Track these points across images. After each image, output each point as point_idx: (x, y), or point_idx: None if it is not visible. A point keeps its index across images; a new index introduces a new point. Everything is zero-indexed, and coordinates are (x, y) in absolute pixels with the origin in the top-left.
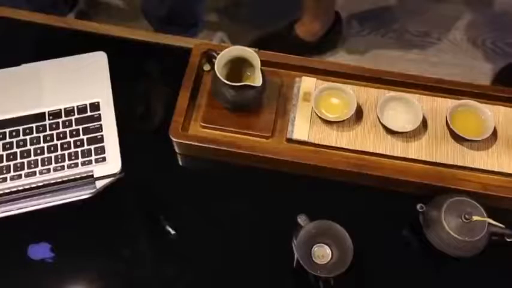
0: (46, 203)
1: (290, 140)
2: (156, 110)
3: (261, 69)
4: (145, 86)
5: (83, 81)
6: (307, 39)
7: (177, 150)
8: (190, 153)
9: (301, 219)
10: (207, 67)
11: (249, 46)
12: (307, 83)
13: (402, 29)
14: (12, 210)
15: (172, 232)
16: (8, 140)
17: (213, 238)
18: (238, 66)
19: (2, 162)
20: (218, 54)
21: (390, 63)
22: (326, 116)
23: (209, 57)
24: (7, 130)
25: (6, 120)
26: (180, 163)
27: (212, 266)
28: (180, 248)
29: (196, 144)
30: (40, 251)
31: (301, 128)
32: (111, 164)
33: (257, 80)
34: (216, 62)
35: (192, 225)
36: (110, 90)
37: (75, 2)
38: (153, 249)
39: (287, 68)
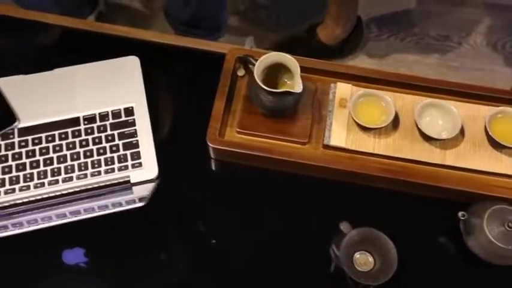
0: (85, 209)
1: (327, 146)
2: (190, 114)
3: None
4: (178, 90)
5: (117, 85)
6: (329, 43)
7: (212, 155)
8: (226, 158)
9: (344, 227)
10: (241, 72)
11: (269, 49)
12: (343, 89)
13: (422, 33)
14: (51, 216)
15: (208, 237)
16: (44, 144)
17: (249, 244)
18: (274, 72)
19: (39, 167)
20: (254, 59)
21: (410, 67)
22: (363, 123)
23: (245, 62)
24: (43, 135)
25: (41, 124)
26: (216, 168)
27: (248, 271)
28: (215, 253)
29: (232, 150)
30: (74, 256)
31: (338, 134)
32: (148, 169)
33: (297, 87)
34: (255, 68)
35: (228, 231)
36: (144, 94)
37: (95, 4)
38: (188, 254)
39: (320, 73)
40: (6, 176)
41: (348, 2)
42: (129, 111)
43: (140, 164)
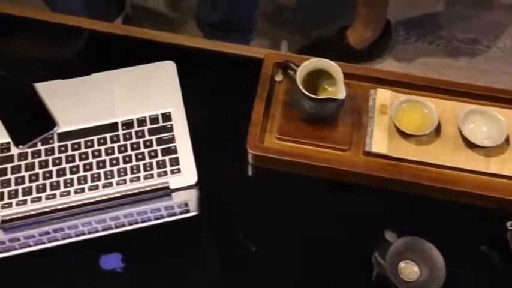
0: (124, 215)
1: (368, 153)
2: (227, 119)
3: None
4: (214, 95)
5: (154, 91)
6: (357, 47)
7: (251, 161)
8: (265, 164)
9: (389, 235)
10: (279, 77)
11: (298, 52)
12: (383, 95)
13: (450, 36)
14: (91, 222)
15: (247, 244)
16: (83, 150)
17: (289, 251)
18: (314, 77)
19: (79, 172)
20: (295, 65)
21: (438, 70)
22: (406, 129)
23: (284, 68)
24: (82, 140)
25: (80, 130)
26: (255, 174)
27: (287, 279)
28: (256, 261)
29: (272, 156)
30: (111, 261)
31: (379, 141)
32: (187, 175)
33: (340, 93)
34: (297, 74)
35: (267, 238)
36: (181, 100)
37: (122, 7)
38: (227, 261)
39: (359, 79)
40: (47, 182)
41: (378, 6)
42: (167, 117)
43: (179, 170)
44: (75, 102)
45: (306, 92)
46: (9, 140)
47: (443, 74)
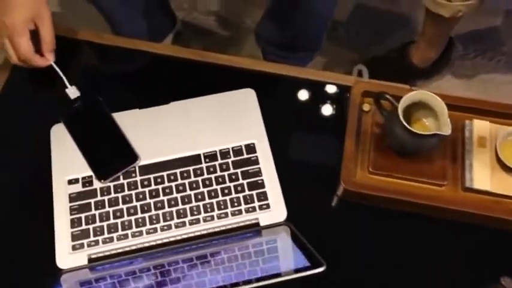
0: (211, 254)
1: (468, 189)
2: (311, 151)
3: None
4: (296, 124)
5: (234, 120)
6: (420, 65)
7: (340, 195)
8: (356, 199)
9: (506, 282)
10: (366, 107)
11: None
12: (480, 127)
13: (511, 51)
14: (178, 260)
15: (341, 284)
16: (166, 184)
17: None
18: (408, 108)
19: (164, 208)
20: (390, 95)
21: (498, 89)
22: (511, 164)
23: (377, 98)
24: (164, 174)
25: (162, 162)
26: (345, 209)
27: None
28: None
29: (366, 192)
30: None
31: (481, 176)
32: (276, 211)
33: (445, 128)
34: (399, 107)
35: (362, 278)
36: (264, 130)
37: (174, 23)
38: None
39: (450, 108)
40: (132, 218)
41: (446, 25)
42: (251, 148)
43: (268, 206)
44: (155, 132)
45: (409, 128)
46: (91, 173)
47: (504, 92)
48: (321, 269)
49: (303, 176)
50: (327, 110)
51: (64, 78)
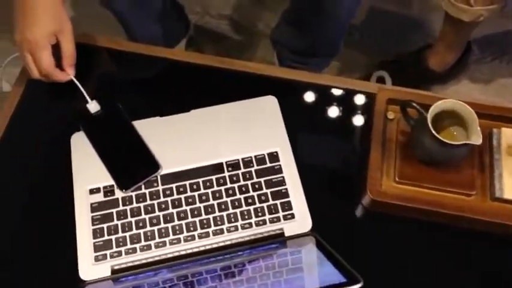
0: (235, 264)
1: (497, 199)
2: (335, 159)
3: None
4: (318, 132)
5: (257, 128)
6: (437, 70)
7: (366, 205)
8: (381, 209)
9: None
10: (391, 115)
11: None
12: (509, 135)
13: None
14: (202, 272)
15: None
16: (189, 193)
17: None
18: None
19: (187, 218)
20: (416, 103)
21: None
22: None
23: (403, 106)
24: (187, 183)
25: (183, 171)
26: (371, 219)
27: None
28: None
29: (393, 202)
30: None
31: (511, 186)
32: (301, 221)
33: (475, 138)
34: (429, 115)
35: None
36: (287, 138)
37: (187, 28)
38: None
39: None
40: (155, 228)
41: (467, 30)
42: (274, 157)
43: (293, 216)
44: (176, 141)
45: (439, 137)
46: (112, 182)
47: None
48: (358, 286)
49: (326, 184)
50: (348, 117)
51: (85, 93)
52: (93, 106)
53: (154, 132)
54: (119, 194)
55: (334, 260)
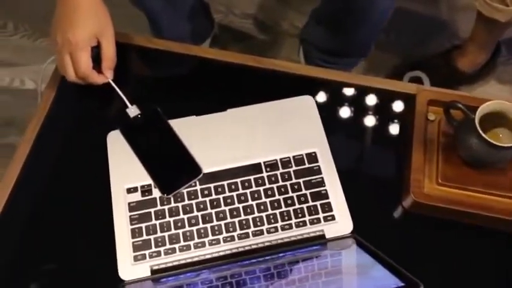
0: (275, 266)
1: None
2: (374, 160)
3: None
4: (357, 133)
5: (294, 128)
6: (466, 70)
7: (406, 207)
8: (423, 211)
9: None
10: (431, 116)
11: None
12: None
13: None
14: (241, 273)
15: None
16: (227, 193)
17: None
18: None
19: (226, 219)
20: (462, 105)
21: None
22: None
23: (448, 107)
24: (225, 183)
25: (221, 171)
26: (412, 222)
27: None
28: None
29: (438, 205)
30: None
31: None
32: (342, 223)
33: None
34: (477, 116)
35: None
36: (325, 138)
37: (212, 26)
38: None
39: None
40: (194, 228)
41: (499, 30)
42: (313, 158)
43: (333, 217)
44: (213, 140)
45: (489, 139)
46: (149, 182)
47: None
48: None
49: (364, 186)
50: (386, 117)
51: (124, 97)
52: (133, 111)
53: (190, 131)
54: (156, 193)
55: (385, 262)
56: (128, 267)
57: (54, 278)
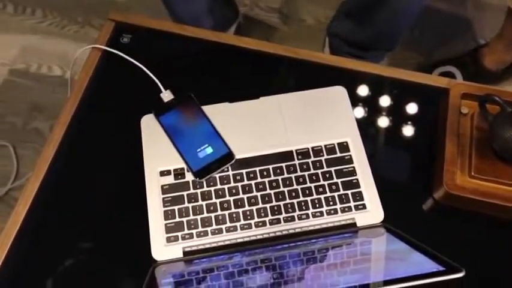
0: (304, 252)
1: None
2: (406, 151)
3: None
4: (389, 124)
5: (326, 117)
6: (493, 68)
7: (438, 198)
8: (455, 203)
9: None
10: (465, 110)
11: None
12: None
13: None
14: (271, 258)
15: None
16: (259, 179)
17: None
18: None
19: (258, 204)
20: (500, 98)
21: None
22: None
23: (483, 100)
24: (257, 169)
25: (253, 157)
26: (444, 214)
27: None
28: None
29: (468, 196)
30: None
31: None
32: (373, 212)
33: None
34: None
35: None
36: (357, 129)
37: (237, 15)
38: None
39: None
40: (226, 212)
41: None
42: (344, 147)
43: (364, 206)
44: (245, 127)
45: None
46: (182, 165)
47: None
48: (460, 274)
49: (395, 176)
50: (418, 110)
51: (158, 82)
52: (167, 95)
53: (224, 117)
54: (189, 177)
55: (421, 248)
56: (161, 248)
57: (91, 255)
